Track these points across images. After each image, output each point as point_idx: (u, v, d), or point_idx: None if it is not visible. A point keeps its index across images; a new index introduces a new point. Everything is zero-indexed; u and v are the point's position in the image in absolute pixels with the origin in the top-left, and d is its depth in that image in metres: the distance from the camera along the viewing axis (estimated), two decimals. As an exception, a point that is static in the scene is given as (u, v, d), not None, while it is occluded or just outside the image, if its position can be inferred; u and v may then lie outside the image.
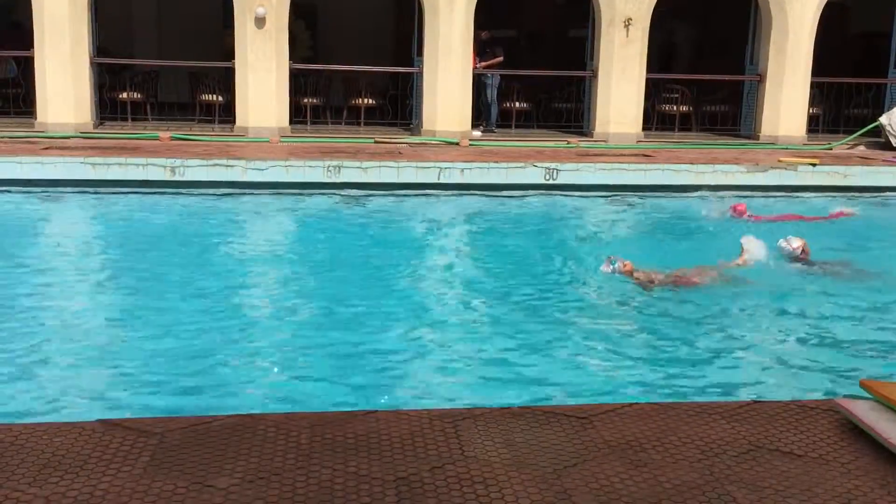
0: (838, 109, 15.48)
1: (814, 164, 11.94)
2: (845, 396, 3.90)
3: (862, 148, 14.41)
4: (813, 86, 14.71)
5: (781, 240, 7.58)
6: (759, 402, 3.66)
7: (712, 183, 11.45)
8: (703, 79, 15.48)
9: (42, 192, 10.07)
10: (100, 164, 10.36)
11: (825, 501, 2.74)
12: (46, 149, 11.09)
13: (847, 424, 3.31)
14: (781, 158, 12.31)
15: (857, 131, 14.59)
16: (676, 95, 15.25)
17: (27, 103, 13.46)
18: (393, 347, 5.48)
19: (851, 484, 2.86)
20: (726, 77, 15.45)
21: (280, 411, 3.95)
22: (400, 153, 11.87)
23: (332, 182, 10.63)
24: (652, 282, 6.79)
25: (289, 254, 8.19)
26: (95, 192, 10.14)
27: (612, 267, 6.91)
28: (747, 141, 14.69)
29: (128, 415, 4.16)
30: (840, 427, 3.30)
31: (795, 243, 7.55)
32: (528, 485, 2.77)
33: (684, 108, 15.36)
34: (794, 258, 7.49)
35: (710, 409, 3.49)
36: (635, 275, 6.84)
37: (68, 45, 12.78)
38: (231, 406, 4.45)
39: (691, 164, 11.76)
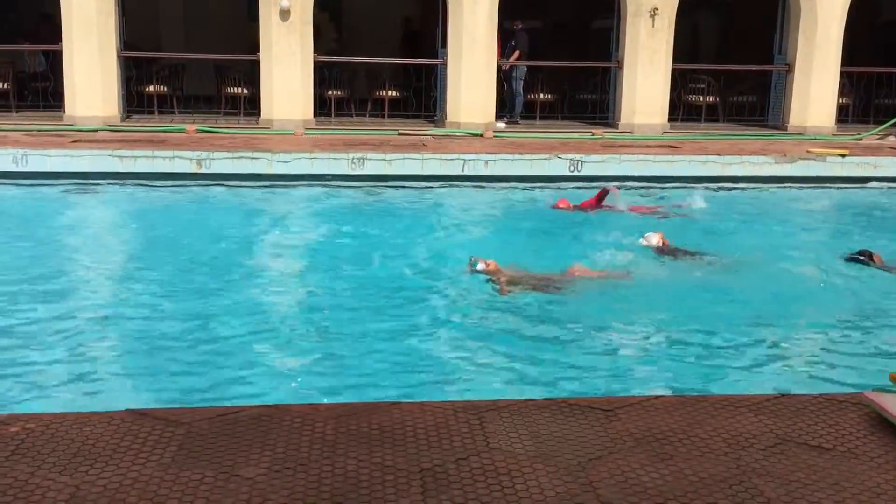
0: (868, 99, 15.25)
1: (843, 155, 11.78)
2: (874, 390, 3.85)
3: (892, 138, 14.17)
4: (842, 75, 14.51)
5: (640, 239, 7.48)
6: (787, 395, 3.62)
7: (740, 174, 11.35)
8: (731, 69, 15.32)
9: (71, 184, 10.19)
10: (127, 157, 10.47)
11: (854, 495, 2.71)
12: (75, 142, 11.21)
13: (876, 418, 3.26)
14: (810, 149, 12.16)
15: (887, 121, 14.36)
16: (703, 86, 15.11)
17: (56, 97, 13.61)
18: (420, 339, 5.49)
19: (881, 478, 2.83)
20: (754, 67, 15.28)
21: (306, 402, 3.97)
22: (424, 145, 11.87)
23: (356, 174, 10.66)
24: (515, 283, 6.45)
25: (314, 245, 8.22)
26: (123, 185, 10.24)
27: (473, 269, 6.61)
28: (775, 131, 14.52)
29: (156, 405, 4.20)
30: (869, 420, 3.26)
31: (654, 239, 7.46)
32: (553, 477, 2.77)
33: (711, 99, 15.22)
34: (658, 252, 7.39)
35: (736, 402, 3.46)
36: (499, 276, 6.53)
37: (96, 40, 12.91)
38: (258, 396, 4.48)
39: (718, 155, 11.65)
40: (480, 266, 6.62)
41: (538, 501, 2.62)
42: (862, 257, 7.28)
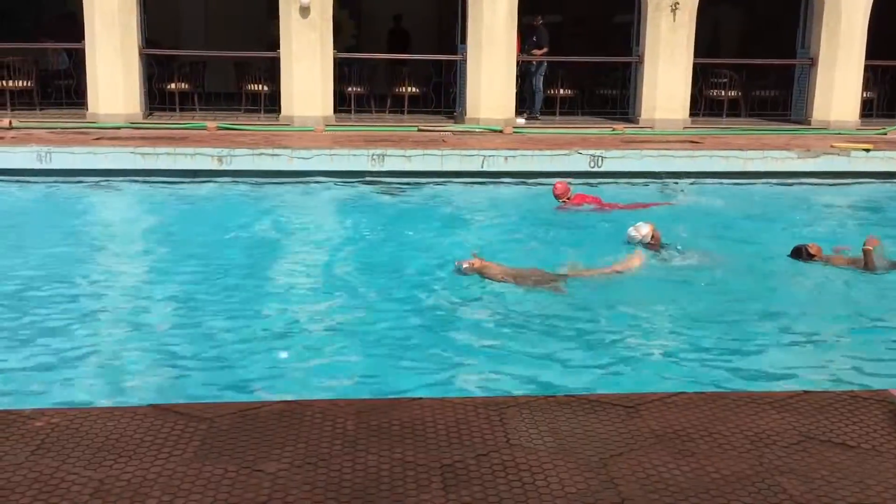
0: (893, 93, 15.06)
1: (867, 150, 11.65)
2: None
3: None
4: (867, 69, 14.34)
5: (630, 228, 7.23)
6: (810, 392, 3.59)
7: (762, 169, 11.25)
8: (753, 63, 15.19)
9: (93, 181, 10.28)
10: (149, 154, 10.54)
11: (878, 493, 2.69)
12: (97, 139, 11.31)
13: (902, 415, 3.23)
14: (834, 144, 12.03)
15: (912, 115, 14.20)
16: (725, 80, 14.99)
17: (79, 94, 13.74)
18: (438, 335, 5.49)
19: (906, 476, 2.80)
20: (777, 61, 15.13)
21: (326, 398, 3.98)
22: (444, 141, 11.87)
23: (376, 170, 10.68)
24: (503, 278, 6.30)
25: (334, 241, 8.24)
26: (145, 181, 10.32)
27: (459, 272, 6.41)
28: (798, 126, 14.38)
29: (179, 400, 4.24)
30: (893, 417, 3.22)
31: (644, 230, 7.16)
32: (574, 473, 2.76)
33: (733, 93, 15.09)
34: (644, 246, 7.15)
35: (759, 398, 3.44)
36: (485, 271, 6.36)
37: (118, 37, 13.01)
38: (279, 392, 4.50)
39: (740, 150, 11.55)
40: (465, 266, 6.45)
41: (559, 497, 2.61)
42: (802, 255, 7.03)
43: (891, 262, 6.98)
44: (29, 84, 14.02)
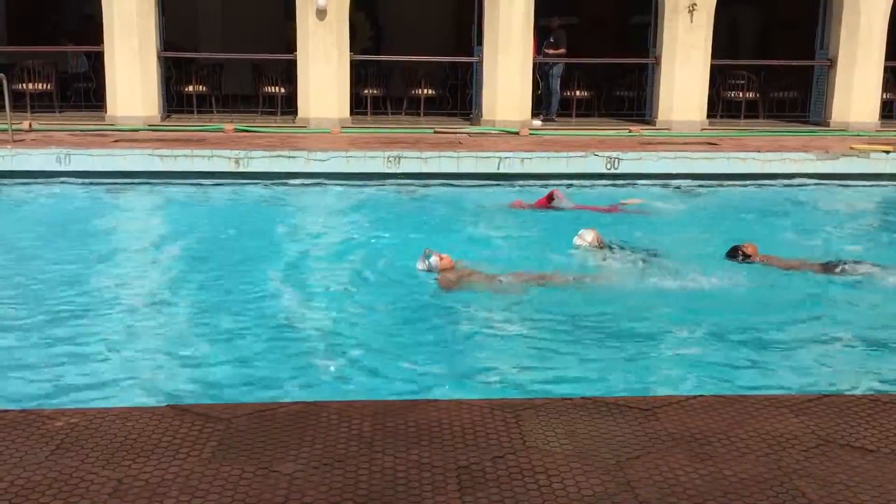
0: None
1: (887, 151, 11.55)
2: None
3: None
4: (886, 70, 14.23)
5: (575, 237, 7.20)
6: (830, 395, 3.57)
7: (781, 171, 11.18)
8: (771, 64, 15.09)
9: (112, 183, 10.36)
10: (167, 156, 10.62)
11: (899, 498, 2.67)
12: (116, 141, 11.39)
13: (922, 420, 3.20)
14: (853, 145, 11.94)
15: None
16: (742, 82, 14.91)
17: (98, 97, 13.85)
18: (453, 337, 5.49)
19: (927, 481, 2.77)
20: (795, 62, 15.04)
21: (342, 399, 3.99)
22: (460, 143, 11.87)
23: (392, 172, 10.70)
24: (465, 282, 6.11)
25: (350, 243, 8.25)
26: (163, 184, 10.39)
27: (426, 263, 6.17)
28: (817, 128, 14.29)
29: (196, 400, 4.26)
30: (915, 422, 3.19)
31: (589, 237, 7.16)
32: (591, 476, 2.75)
33: (751, 95, 15.01)
34: (595, 248, 7.15)
35: (777, 402, 3.41)
36: (447, 275, 6.15)
37: (137, 41, 13.11)
38: (295, 393, 4.52)
39: (758, 151, 11.49)
40: (434, 260, 6.25)
41: (575, 500, 2.61)
42: (738, 256, 6.95)
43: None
44: (48, 87, 14.16)
